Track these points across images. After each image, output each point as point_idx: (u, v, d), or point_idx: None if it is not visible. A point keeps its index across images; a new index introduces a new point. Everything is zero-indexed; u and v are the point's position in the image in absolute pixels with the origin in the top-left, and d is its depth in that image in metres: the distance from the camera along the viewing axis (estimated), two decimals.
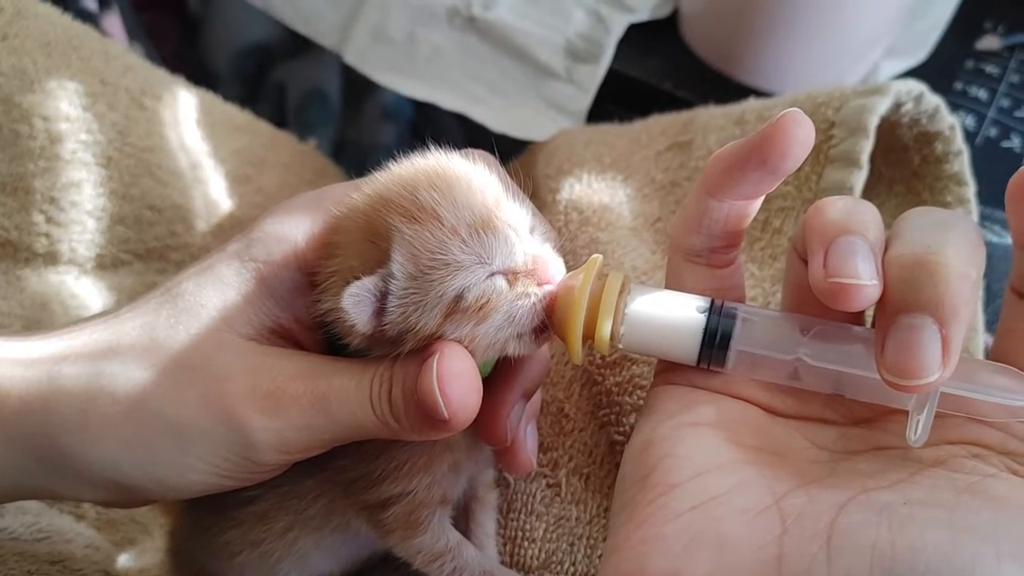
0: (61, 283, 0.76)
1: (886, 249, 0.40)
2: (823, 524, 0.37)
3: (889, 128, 0.62)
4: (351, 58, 0.91)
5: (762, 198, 0.43)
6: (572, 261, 0.64)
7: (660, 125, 0.74)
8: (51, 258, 0.76)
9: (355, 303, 0.43)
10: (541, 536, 0.56)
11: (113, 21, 0.93)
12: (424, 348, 0.44)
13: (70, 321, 0.73)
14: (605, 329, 0.43)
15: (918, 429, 0.40)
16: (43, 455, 0.47)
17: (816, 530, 0.37)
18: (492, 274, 0.44)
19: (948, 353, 0.37)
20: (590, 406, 0.60)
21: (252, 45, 1.21)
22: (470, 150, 0.54)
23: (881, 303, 0.39)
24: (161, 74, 0.85)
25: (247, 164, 0.86)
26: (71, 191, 0.76)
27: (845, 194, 0.60)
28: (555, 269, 0.45)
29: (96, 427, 0.46)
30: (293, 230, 0.48)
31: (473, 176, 0.45)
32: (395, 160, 0.47)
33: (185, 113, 0.83)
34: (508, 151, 0.88)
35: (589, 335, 0.44)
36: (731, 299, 0.45)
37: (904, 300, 0.38)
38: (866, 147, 0.60)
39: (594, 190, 0.69)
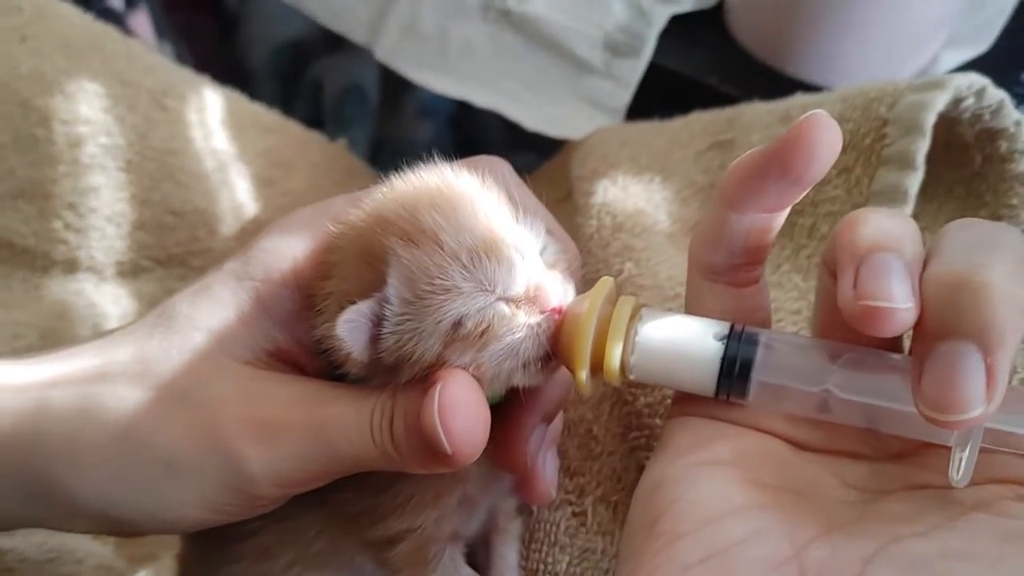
0: (80, 291, 0.74)
1: (925, 267, 0.35)
2: None
3: (948, 125, 0.57)
4: (382, 54, 0.88)
5: (787, 210, 0.39)
6: (604, 269, 0.60)
7: (701, 123, 0.69)
8: (70, 266, 0.74)
9: (350, 329, 0.40)
10: (564, 570, 0.52)
11: (140, 20, 0.91)
12: (429, 377, 0.40)
13: (88, 331, 0.72)
14: (613, 359, 0.39)
15: (960, 468, 0.35)
16: (31, 486, 0.45)
17: None
18: (496, 300, 0.40)
19: (993, 385, 0.32)
20: (620, 428, 0.56)
21: (288, 42, 1.19)
22: (483, 157, 0.50)
23: (919, 328, 0.34)
24: (185, 74, 0.82)
25: (274, 166, 0.83)
26: (90, 196, 0.74)
27: (899, 198, 0.55)
28: (557, 295, 0.41)
29: (84, 456, 0.43)
30: (292, 248, 0.45)
31: (478, 196, 0.42)
32: (431, 159, 0.44)
33: (210, 114, 0.81)
34: (548, 147, 0.84)
35: (598, 365, 0.40)
36: (755, 321, 0.41)
37: (944, 325, 0.33)
38: (922, 147, 0.55)
39: (629, 193, 0.64)
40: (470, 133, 1.20)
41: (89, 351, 0.46)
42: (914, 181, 0.55)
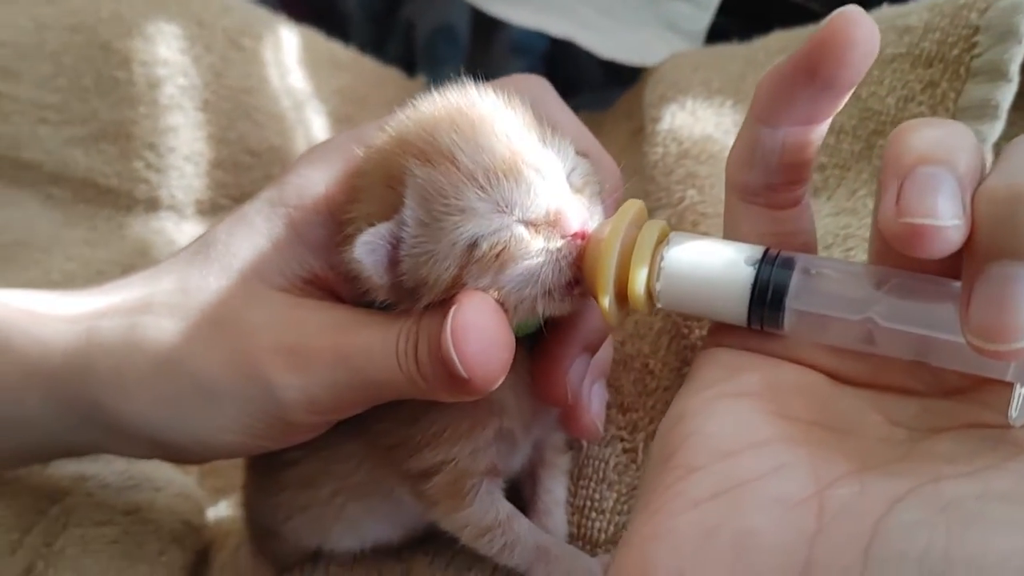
0: (161, 229, 0.76)
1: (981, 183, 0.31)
2: (867, 523, 0.30)
3: None
4: None
5: (827, 123, 0.35)
6: (665, 197, 0.57)
7: (780, 42, 0.64)
8: (151, 204, 0.76)
9: (367, 252, 0.40)
10: (611, 507, 0.50)
11: None
12: (447, 301, 0.39)
13: None
14: (638, 285, 0.37)
15: (1018, 405, 0.32)
16: (86, 412, 0.47)
17: (857, 531, 0.30)
18: (511, 224, 0.39)
19: None
20: (677, 362, 0.53)
21: None
22: (522, 76, 0.48)
23: (970, 248, 0.30)
24: (261, 13, 0.82)
25: (349, 103, 0.83)
26: (169, 136, 0.75)
27: (989, 113, 0.50)
28: (579, 219, 0.39)
29: (130, 384, 0.45)
30: (325, 174, 0.45)
31: (499, 116, 0.40)
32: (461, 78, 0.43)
33: (286, 52, 0.81)
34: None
35: (624, 292, 0.38)
36: (795, 246, 0.37)
37: (997, 244, 0.29)
38: (1017, 55, 0.49)
39: (697, 118, 0.61)
40: (564, 70, 1.17)
41: (137, 282, 0.48)
42: (1006, 94, 0.50)
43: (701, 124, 0.60)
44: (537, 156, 0.40)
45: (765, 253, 0.36)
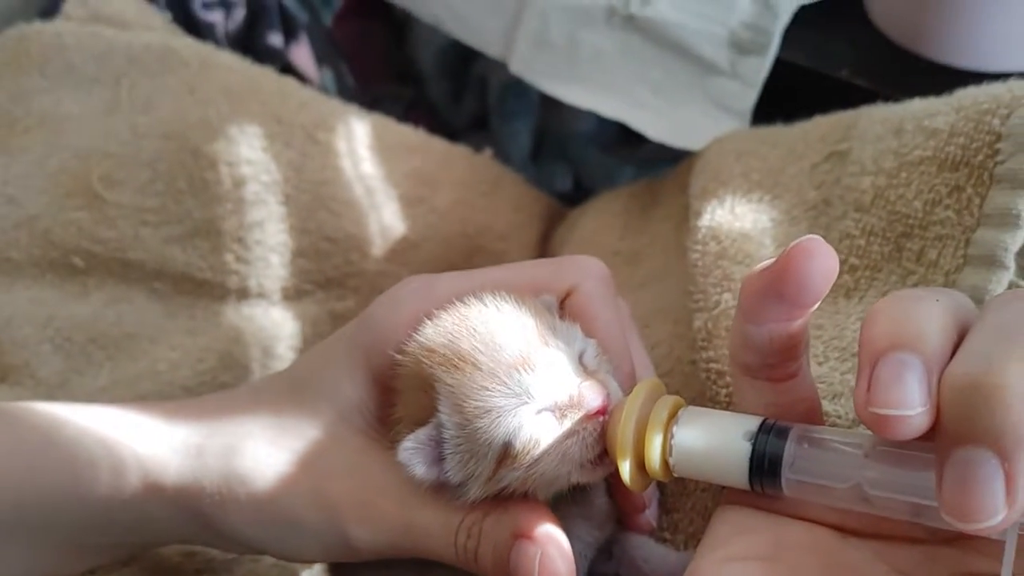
0: (252, 316, 0.82)
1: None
2: None
3: None
4: (516, 67, 0.90)
5: (808, 316, 0.38)
6: (703, 299, 0.60)
7: (820, 130, 0.66)
8: (242, 293, 0.83)
9: (411, 455, 0.45)
10: None
11: (301, 52, 0.98)
12: (509, 506, 0.45)
13: (259, 352, 0.80)
14: (653, 462, 0.42)
15: (1009, 562, 0.34)
16: (197, 518, 0.54)
17: None
18: (538, 411, 0.44)
19: (1014, 490, 0.31)
20: (726, 490, 0.56)
21: (454, 41, 1.23)
22: (581, 258, 0.53)
23: (938, 430, 0.33)
24: (334, 105, 0.88)
25: (421, 185, 0.88)
26: (255, 230, 0.82)
27: (1010, 222, 0.51)
28: (596, 398, 0.44)
29: (230, 506, 0.52)
30: (400, 318, 0.50)
31: (512, 317, 0.46)
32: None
33: (358, 141, 0.87)
34: None
35: (643, 463, 0.43)
36: (798, 413, 0.41)
37: (959, 430, 0.32)
38: None
39: (736, 215, 0.63)
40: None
41: (238, 405, 0.55)
42: None
43: (740, 222, 0.63)
44: (551, 345, 0.45)
45: (761, 425, 0.40)
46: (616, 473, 0.49)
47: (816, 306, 0.38)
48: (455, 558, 0.46)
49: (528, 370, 0.44)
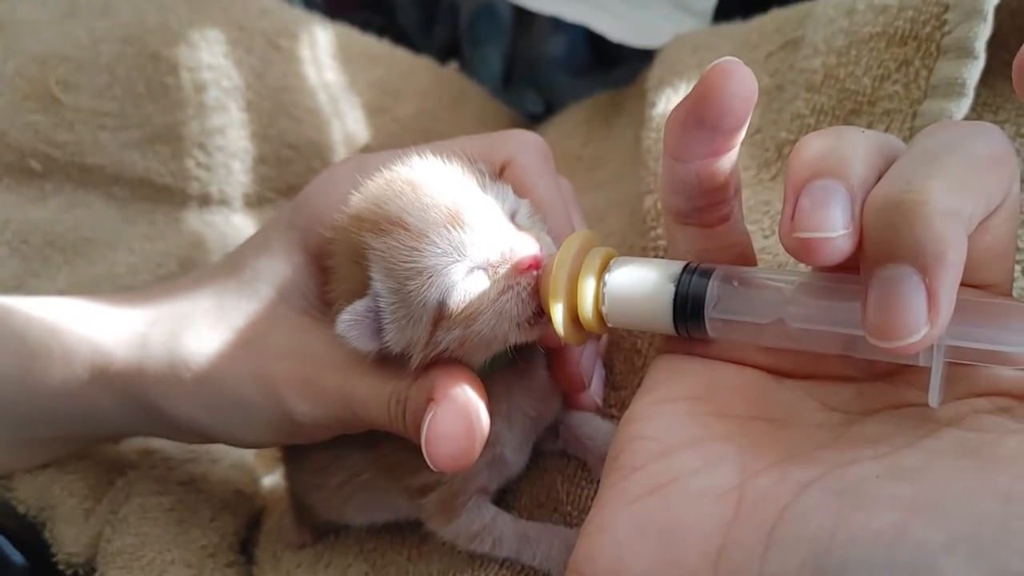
0: (213, 222, 0.82)
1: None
2: (775, 510, 0.34)
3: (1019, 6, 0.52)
4: None
5: (734, 153, 0.38)
6: (654, 182, 0.60)
7: (776, 21, 0.66)
8: (203, 200, 0.82)
9: (349, 327, 0.44)
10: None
11: None
12: (431, 371, 0.45)
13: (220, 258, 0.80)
14: (586, 310, 0.42)
15: (936, 389, 0.34)
16: (141, 406, 0.54)
17: (765, 516, 0.34)
18: (471, 270, 0.43)
19: (936, 305, 0.31)
20: (663, 341, 0.56)
21: None
22: (514, 132, 0.53)
23: (863, 253, 0.33)
24: (297, 13, 0.87)
25: (384, 94, 0.88)
26: (216, 136, 0.81)
27: (956, 90, 0.51)
28: (529, 252, 0.43)
29: (174, 390, 0.52)
30: (334, 198, 0.50)
31: (438, 176, 0.45)
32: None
33: (321, 49, 0.86)
34: None
35: (577, 315, 0.42)
36: (730, 257, 0.41)
37: (882, 249, 0.32)
38: (982, 32, 0.50)
39: None
40: (604, 46, 1.18)
41: (180, 293, 0.55)
42: (973, 71, 0.51)
43: None
44: (482, 202, 0.44)
45: (684, 267, 0.39)
46: (555, 348, 0.49)
47: (740, 135, 0.37)
48: (389, 424, 0.46)
49: (458, 227, 0.43)
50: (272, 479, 0.76)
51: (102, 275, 0.77)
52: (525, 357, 0.49)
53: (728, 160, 0.39)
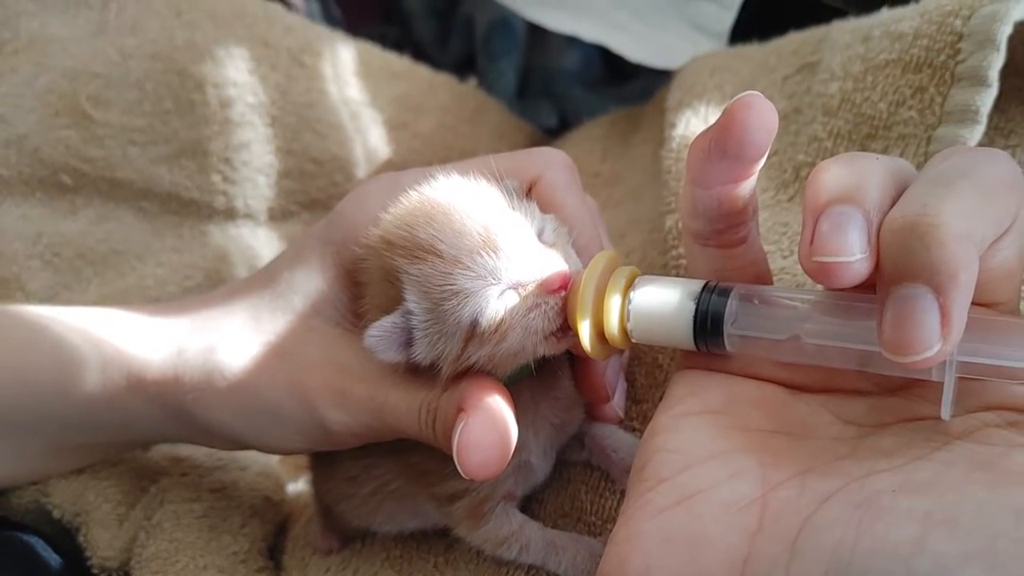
0: (238, 236, 0.84)
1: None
2: (798, 521, 0.35)
3: None
4: None
5: (753, 179, 0.40)
6: (675, 203, 0.62)
7: (792, 45, 0.68)
8: (229, 214, 0.84)
9: (376, 341, 0.47)
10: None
11: None
12: (461, 381, 0.47)
13: (245, 271, 0.82)
14: (612, 327, 0.44)
15: (948, 403, 0.37)
16: (178, 415, 0.56)
17: (788, 528, 0.35)
18: (503, 291, 0.45)
19: (949, 323, 0.33)
20: (682, 357, 0.58)
21: None
22: (541, 151, 0.54)
23: (879, 274, 0.36)
24: (321, 30, 0.89)
25: (405, 110, 0.90)
26: (242, 151, 0.83)
27: (970, 118, 0.53)
28: (557, 273, 0.45)
29: (211, 399, 0.54)
30: (368, 215, 0.51)
31: (467, 200, 0.47)
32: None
33: (343, 66, 0.88)
34: None
35: (601, 331, 0.45)
36: (747, 276, 0.43)
37: (898, 270, 0.34)
38: (995, 61, 0.52)
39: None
40: (618, 60, 1.20)
41: (216, 304, 0.57)
42: (986, 99, 0.53)
43: None
44: (510, 226, 0.46)
45: (704, 286, 0.42)
46: (580, 358, 0.51)
47: (760, 164, 0.39)
48: (419, 433, 0.48)
49: (491, 252, 0.45)
50: (296, 486, 0.78)
51: (131, 287, 0.79)
52: (550, 368, 0.51)
53: (747, 186, 0.41)
